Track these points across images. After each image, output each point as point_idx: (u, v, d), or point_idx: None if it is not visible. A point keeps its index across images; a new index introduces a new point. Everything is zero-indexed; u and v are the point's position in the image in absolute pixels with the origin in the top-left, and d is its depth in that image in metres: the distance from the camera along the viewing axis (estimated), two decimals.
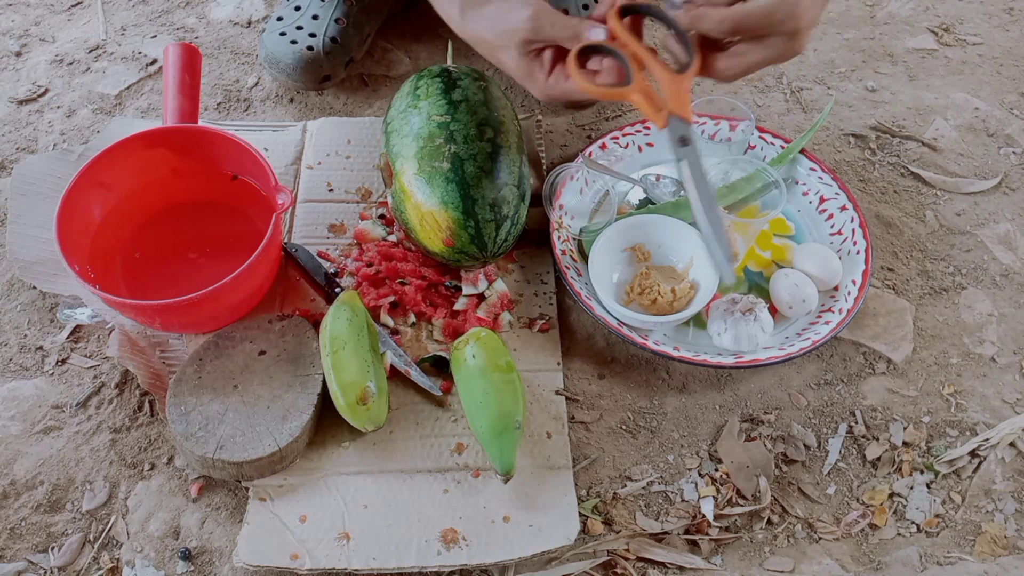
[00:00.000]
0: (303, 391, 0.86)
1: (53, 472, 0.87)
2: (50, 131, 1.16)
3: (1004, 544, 0.84)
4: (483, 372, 0.85)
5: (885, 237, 1.06)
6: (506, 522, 0.82)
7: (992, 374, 0.95)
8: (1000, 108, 1.21)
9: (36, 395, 0.92)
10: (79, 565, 0.81)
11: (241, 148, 0.95)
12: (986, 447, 0.89)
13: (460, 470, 0.85)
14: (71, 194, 0.91)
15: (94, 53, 1.26)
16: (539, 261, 1.01)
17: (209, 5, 1.34)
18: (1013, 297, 1.01)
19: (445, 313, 0.96)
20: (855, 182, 1.11)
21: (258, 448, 0.82)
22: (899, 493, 0.87)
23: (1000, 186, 1.12)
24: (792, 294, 0.94)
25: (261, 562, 0.79)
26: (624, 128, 1.09)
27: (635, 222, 0.99)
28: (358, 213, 1.05)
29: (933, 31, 1.32)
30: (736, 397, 0.93)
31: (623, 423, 0.91)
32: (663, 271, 0.98)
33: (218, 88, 1.21)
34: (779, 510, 0.86)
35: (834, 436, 0.90)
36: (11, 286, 1.00)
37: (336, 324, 0.88)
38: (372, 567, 0.79)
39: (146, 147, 0.97)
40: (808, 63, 1.27)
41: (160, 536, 0.83)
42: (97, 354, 0.95)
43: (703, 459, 0.89)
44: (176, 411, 0.85)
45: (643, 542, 0.83)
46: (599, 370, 0.95)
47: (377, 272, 0.98)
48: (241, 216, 1.00)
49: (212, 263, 0.97)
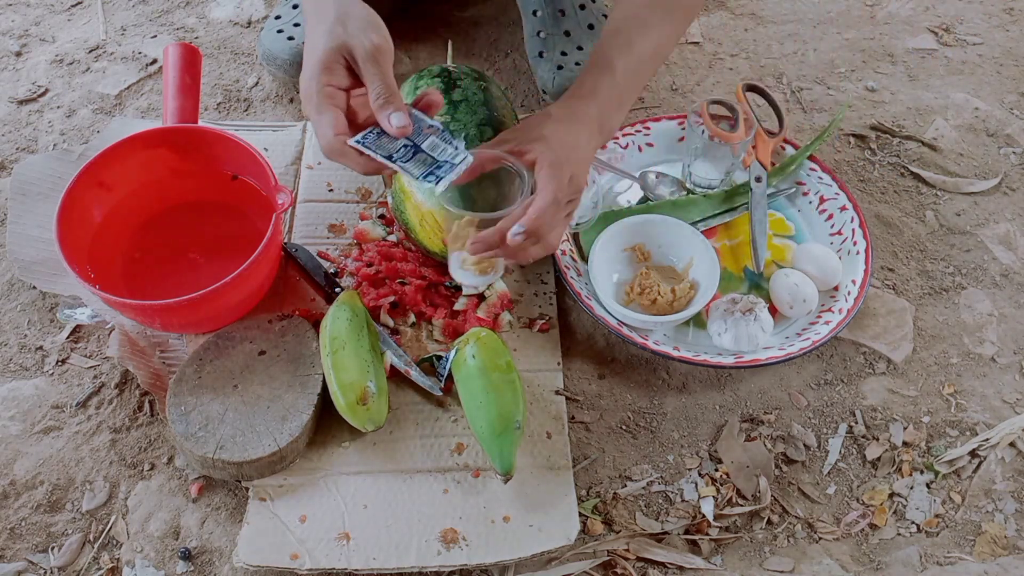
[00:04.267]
0: (303, 391, 0.86)
1: (53, 472, 0.87)
2: (50, 131, 1.16)
3: (1004, 544, 0.84)
4: (483, 372, 0.85)
5: (885, 237, 1.06)
6: (506, 522, 0.82)
7: (992, 374, 0.95)
8: (1000, 108, 1.21)
9: (36, 395, 0.92)
10: (79, 565, 0.81)
11: (241, 148, 0.95)
12: (986, 447, 0.89)
13: (460, 470, 0.85)
14: (71, 194, 0.91)
15: (94, 53, 1.26)
16: (539, 261, 1.01)
17: (209, 5, 1.34)
18: (1013, 297, 1.01)
19: (445, 313, 0.96)
20: (855, 182, 1.11)
21: (258, 448, 0.82)
22: (899, 493, 0.87)
23: (1000, 186, 1.12)
24: (792, 294, 0.94)
25: (261, 562, 0.78)
26: (624, 128, 1.09)
27: (635, 222, 0.99)
28: (358, 213, 1.05)
29: (933, 31, 1.32)
30: (736, 397, 0.93)
31: (623, 423, 0.91)
32: (663, 271, 0.98)
33: (218, 88, 1.21)
34: (779, 510, 0.86)
35: (834, 436, 0.90)
36: (11, 286, 1.00)
37: (336, 324, 0.88)
38: (372, 567, 0.79)
39: (146, 147, 0.97)
40: (808, 63, 1.27)
41: (160, 536, 0.83)
42: (97, 354, 0.95)
43: (703, 459, 0.89)
44: (176, 411, 0.85)
45: (643, 542, 0.83)
46: (599, 370, 0.95)
47: (377, 272, 0.98)
48: (241, 216, 1.00)
49: (212, 263, 0.97)
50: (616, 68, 0.89)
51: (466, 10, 1.32)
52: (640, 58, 0.91)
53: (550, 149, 0.81)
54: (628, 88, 0.92)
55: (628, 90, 0.92)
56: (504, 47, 1.27)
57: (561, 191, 0.80)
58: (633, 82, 0.92)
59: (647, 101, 1.21)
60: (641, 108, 1.20)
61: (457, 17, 1.32)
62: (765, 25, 1.33)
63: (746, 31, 1.31)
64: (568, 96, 0.90)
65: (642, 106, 1.20)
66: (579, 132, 0.86)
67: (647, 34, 0.92)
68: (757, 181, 1.03)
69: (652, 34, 0.92)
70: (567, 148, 0.83)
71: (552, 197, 0.79)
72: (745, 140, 1.01)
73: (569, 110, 0.88)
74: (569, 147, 0.83)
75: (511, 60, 1.25)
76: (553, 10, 1.13)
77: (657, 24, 0.93)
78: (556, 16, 1.13)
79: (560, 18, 1.13)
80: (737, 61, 1.27)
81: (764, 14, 1.34)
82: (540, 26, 1.14)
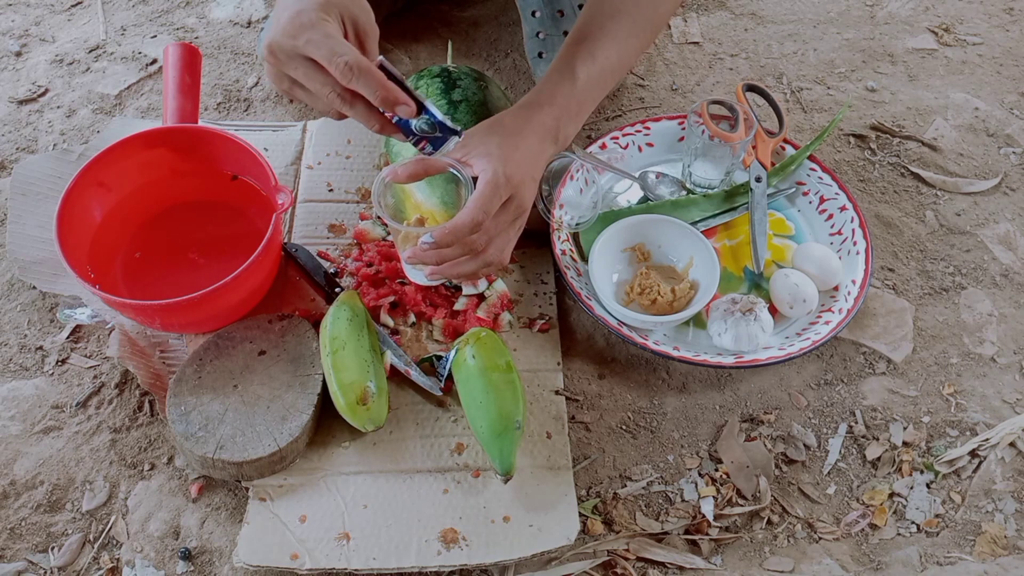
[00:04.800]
0: (303, 391, 0.86)
1: (53, 472, 0.87)
2: (50, 131, 1.16)
3: (1004, 544, 0.84)
4: (483, 372, 0.85)
5: (885, 237, 1.06)
6: (506, 522, 0.82)
7: (992, 374, 0.95)
8: (1000, 108, 1.21)
9: (36, 395, 0.92)
10: (79, 565, 0.81)
11: (241, 148, 0.95)
12: (986, 447, 0.89)
13: (460, 470, 0.85)
14: (71, 194, 0.91)
15: (94, 53, 1.26)
16: (539, 261, 1.01)
17: (209, 5, 1.34)
18: (1013, 297, 1.01)
19: (445, 313, 0.96)
20: (855, 182, 1.11)
21: (258, 448, 0.82)
22: (899, 493, 0.87)
23: (1000, 186, 1.12)
24: (792, 294, 0.94)
25: (261, 562, 0.78)
26: (624, 128, 1.09)
27: (635, 222, 0.99)
28: (358, 213, 1.05)
29: (933, 31, 1.32)
30: (736, 397, 0.93)
31: (623, 423, 0.91)
32: (663, 271, 0.98)
33: (218, 88, 1.21)
34: (779, 510, 0.86)
35: (834, 436, 0.90)
36: (11, 286, 1.00)
37: (336, 324, 0.88)
38: (372, 567, 0.79)
39: (146, 147, 0.97)
40: (808, 63, 1.27)
41: (160, 536, 0.83)
42: (97, 354, 0.95)
43: (703, 459, 0.89)
44: (176, 411, 0.85)
45: (643, 542, 0.83)
46: (599, 370, 0.95)
47: (377, 272, 0.98)
48: (241, 216, 1.00)
49: (212, 263, 0.97)
50: (578, 76, 0.89)
51: (466, 10, 1.32)
52: (603, 68, 0.91)
53: (490, 167, 0.82)
54: (587, 98, 0.92)
55: (587, 100, 0.92)
56: (504, 47, 1.27)
57: (486, 211, 0.81)
58: (593, 92, 0.92)
59: (647, 101, 1.21)
60: (641, 108, 1.20)
61: (457, 17, 1.32)
62: (765, 25, 1.33)
63: (746, 31, 1.31)
64: (525, 102, 0.90)
65: (642, 106, 1.20)
66: (530, 145, 0.86)
67: (611, 45, 0.92)
68: (757, 181, 1.03)
69: (617, 46, 0.92)
70: (511, 166, 0.83)
71: (471, 217, 0.80)
72: (745, 140, 1.01)
73: (523, 119, 0.87)
74: (515, 164, 0.83)
75: (511, 60, 1.25)
76: (552, 11, 1.13)
77: (623, 37, 0.93)
78: (555, 17, 1.13)
79: (559, 19, 1.13)
80: (737, 61, 1.27)
81: (764, 14, 1.34)
82: (539, 27, 1.14)
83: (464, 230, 0.80)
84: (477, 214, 0.80)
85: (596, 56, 0.91)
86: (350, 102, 0.78)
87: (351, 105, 0.78)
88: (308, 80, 0.77)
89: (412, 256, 0.84)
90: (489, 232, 0.83)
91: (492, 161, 0.82)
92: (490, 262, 0.85)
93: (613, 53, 0.92)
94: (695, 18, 1.33)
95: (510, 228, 0.86)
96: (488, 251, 0.84)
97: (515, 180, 0.83)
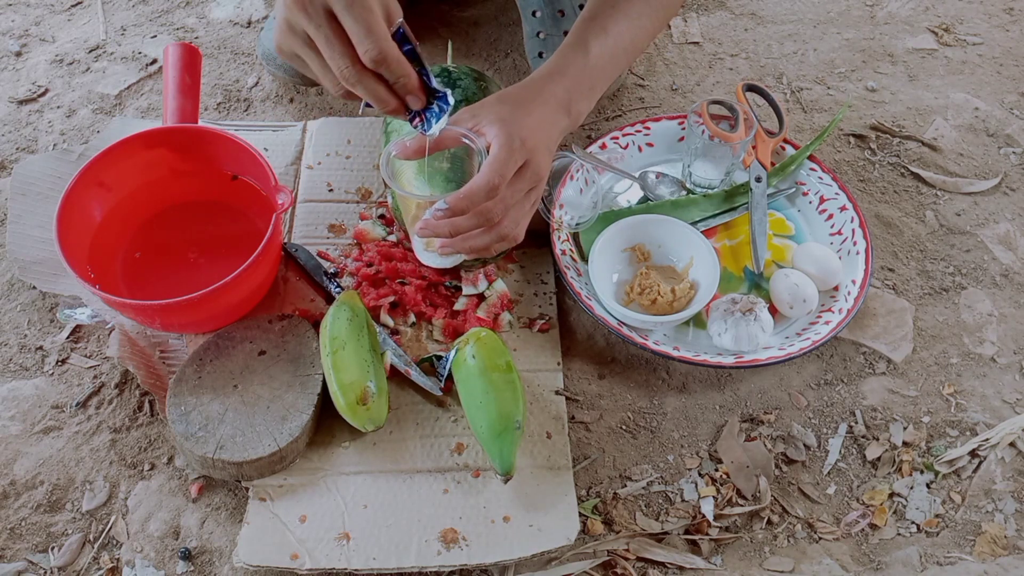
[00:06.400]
0: (303, 391, 0.86)
1: (53, 472, 0.87)
2: (50, 131, 1.16)
3: (1004, 544, 0.84)
4: (483, 372, 0.85)
5: (885, 237, 1.06)
6: (506, 522, 0.82)
7: (992, 374, 0.95)
8: (1000, 108, 1.21)
9: (36, 395, 0.92)
10: (79, 565, 0.81)
11: (241, 148, 0.95)
12: (986, 447, 0.89)
13: (460, 470, 0.85)
14: (71, 194, 0.91)
15: (94, 53, 1.26)
16: (539, 261, 1.01)
17: (209, 5, 1.34)
18: (1013, 297, 1.01)
19: (445, 313, 0.96)
20: (855, 182, 1.11)
21: (258, 448, 0.82)
22: (899, 493, 0.87)
23: (1000, 186, 1.12)
24: (792, 294, 0.94)
25: (261, 562, 0.78)
26: (624, 128, 1.09)
27: (635, 222, 0.99)
28: (358, 213, 1.05)
29: (933, 31, 1.32)
30: (736, 397, 0.93)
31: (623, 423, 0.91)
32: (663, 271, 0.98)
33: (218, 88, 1.21)
34: (779, 510, 0.86)
35: (834, 436, 0.90)
36: (11, 286, 1.00)
37: (336, 324, 0.88)
38: (372, 567, 0.79)
39: (146, 147, 0.97)
40: (808, 63, 1.27)
41: (160, 536, 0.83)
42: (97, 354, 0.95)
43: (703, 459, 0.89)
44: (176, 411, 0.85)
45: (643, 542, 0.83)
46: (599, 370, 0.95)
47: (377, 272, 0.98)
48: (241, 216, 1.00)
49: (212, 263, 0.97)
50: (590, 50, 0.86)
51: (466, 10, 1.32)
52: (616, 44, 0.89)
53: (504, 131, 0.78)
54: (600, 73, 0.89)
55: (600, 76, 0.89)
56: (504, 47, 1.27)
57: (502, 175, 0.77)
58: (606, 68, 0.89)
59: (647, 101, 1.21)
60: (641, 108, 1.20)
61: (457, 17, 1.32)
62: (765, 25, 1.33)
63: (746, 31, 1.31)
64: (536, 74, 0.87)
65: (642, 106, 1.20)
66: (542, 114, 0.83)
67: (624, 22, 0.90)
68: (757, 181, 1.03)
69: (630, 24, 0.90)
70: (525, 130, 0.79)
71: (487, 180, 0.76)
72: (745, 140, 1.01)
73: (535, 90, 0.85)
74: (528, 129, 0.80)
75: (511, 60, 1.25)
76: (552, 11, 1.13)
77: (635, 15, 0.91)
78: (555, 17, 1.13)
79: (559, 19, 1.13)
80: (737, 61, 1.27)
81: (764, 14, 1.34)
82: (540, 27, 1.14)
83: (480, 194, 0.77)
84: (493, 177, 0.77)
85: (609, 31, 0.88)
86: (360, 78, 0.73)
87: (360, 81, 0.73)
88: (326, 46, 0.71)
89: (424, 227, 0.80)
90: (506, 200, 0.79)
91: (505, 126, 0.79)
92: (505, 235, 0.81)
93: (626, 31, 0.89)
94: (695, 18, 1.33)
95: (526, 200, 0.82)
96: (503, 223, 0.80)
97: (529, 144, 0.79)
